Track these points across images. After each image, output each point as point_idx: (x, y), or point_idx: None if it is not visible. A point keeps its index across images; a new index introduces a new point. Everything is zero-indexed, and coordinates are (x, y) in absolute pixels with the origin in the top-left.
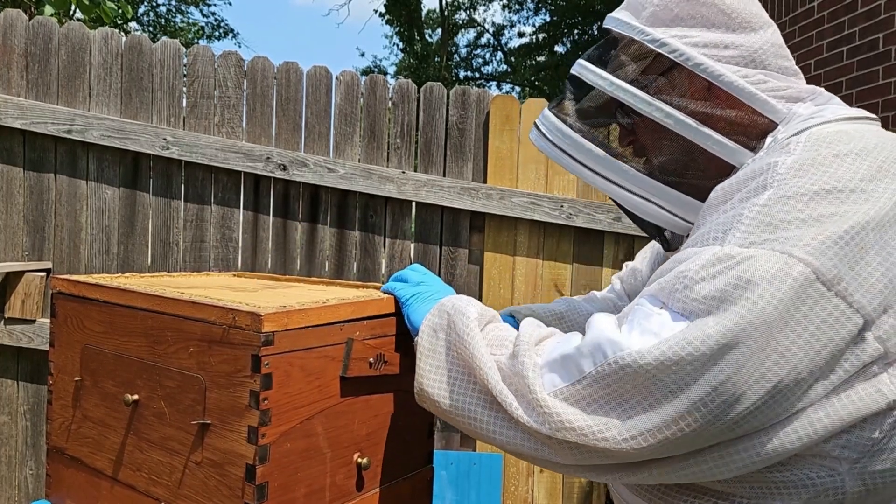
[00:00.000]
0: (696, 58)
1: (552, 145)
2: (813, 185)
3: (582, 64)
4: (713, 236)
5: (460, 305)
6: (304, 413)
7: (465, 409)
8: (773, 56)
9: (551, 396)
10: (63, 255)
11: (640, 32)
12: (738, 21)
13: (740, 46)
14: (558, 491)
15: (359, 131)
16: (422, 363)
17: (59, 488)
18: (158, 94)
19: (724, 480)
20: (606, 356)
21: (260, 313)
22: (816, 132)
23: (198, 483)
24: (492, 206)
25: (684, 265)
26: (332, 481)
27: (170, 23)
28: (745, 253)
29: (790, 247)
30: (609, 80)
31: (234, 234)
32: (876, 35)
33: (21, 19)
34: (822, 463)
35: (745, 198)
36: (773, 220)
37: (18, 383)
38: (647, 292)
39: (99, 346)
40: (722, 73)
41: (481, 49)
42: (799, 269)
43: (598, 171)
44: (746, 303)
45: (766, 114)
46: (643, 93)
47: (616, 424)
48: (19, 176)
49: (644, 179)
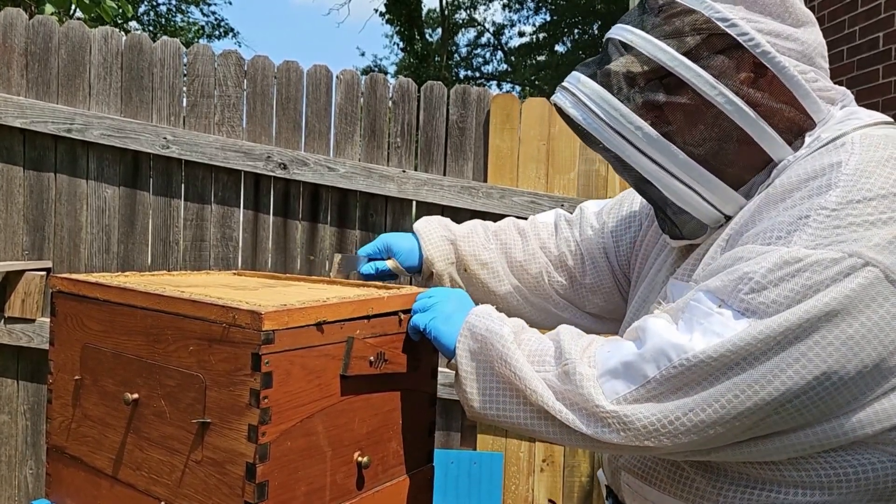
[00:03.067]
0: (764, 45)
1: (592, 115)
2: (881, 187)
3: (631, 30)
4: (777, 235)
5: (493, 327)
6: (304, 412)
7: (523, 423)
8: (819, 55)
9: (614, 404)
10: (63, 255)
11: (708, 7)
12: (796, 14)
13: (798, 41)
14: (559, 490)
15: (359, 130)
16: (467, 387)
17: (58, 487)
18: (158, 93)
19: (775, 468)
20: (671, 360)
21: (260, 311)
22: (868, 134)
23: (198, 482)
24: (492, 205)
25: (749, 265)
26: (332, 480)
27: (170, 22)
28: (814, 256)
29: (859, 247)
30: (671, 54)
31: (234, 233)
32: (876, 34)
33: (21, 18)
34: (886, 448)
35: (808, 196)
36: (842, 221)
37: (18, 382)
38: (703, 288)
39: (99, 344)
40: (786, 65)
41: (481, 48)
42: (868, 269)
43: (644, 151)
44: (814, 300)
45: (811, 113)
46: (707, 73)
47: (680, 419)
48: (19, 175)
49: (690, 164)
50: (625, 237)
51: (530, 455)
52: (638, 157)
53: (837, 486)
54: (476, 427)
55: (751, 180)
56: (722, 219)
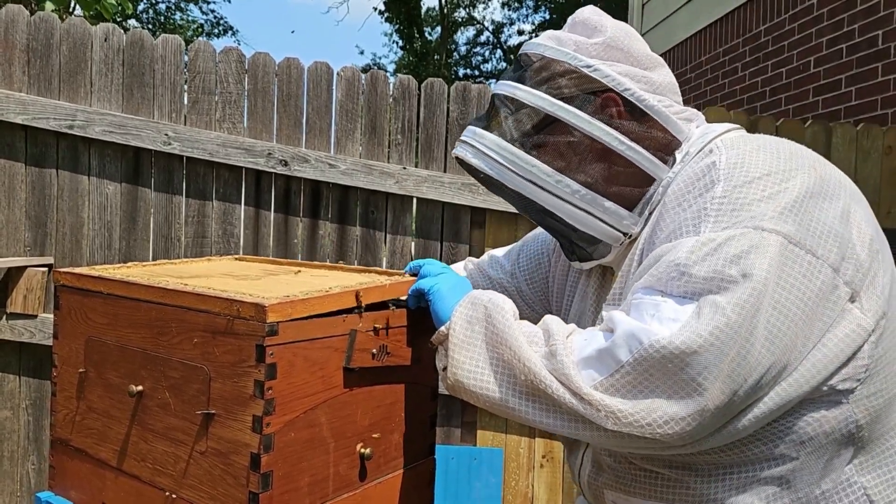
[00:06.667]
0: (625, 83)
1: (492, 161)
2: (753, 172)
3: (514, 85)
4: (685, 230)
5: (496, 299)
6: (307, 403)
7: (506, 399)
8: (671, 91)
9: (594, 390)
10: (65, 251)
11: (572, 58)
12: (644, 61)
13: (650, 80)
14: (558, 486)
15: (360, 127)
16: (456, 355)
17: (63, 479)
18: (160, 90)
19: (739, 451)
20: (642, 342)
21: (264, 304)
22: (726, 138)
23: (202, 472)
24: (492, 202)
25: (671, 255)
26: (335, 471)
27: (169, 20)
28: (724, 234)
29: (759, 222)
30: (548, 100)
31: (235, 229)
32: (875, 32)
33: (23, 15)
34: (830, 398)
35: (699, 194)
36: (735, 205)
37: (20, 378)
38: (639, 288)
39: (103, 337)
40: (645, 97)
41: (480, 47)
42: (773, 238)
43: (543, 186)
44: (745, 277)
45: (675, 133)
46: (582, 112)
47: (659, 410)
48: (21, 171)
49: (582, 191)
50: (537, 273)
51: (530, 451)
52: (537, 191)
53: (802, 447)
54: (476, 423)
55: (640, 199)
56: (621, 237)
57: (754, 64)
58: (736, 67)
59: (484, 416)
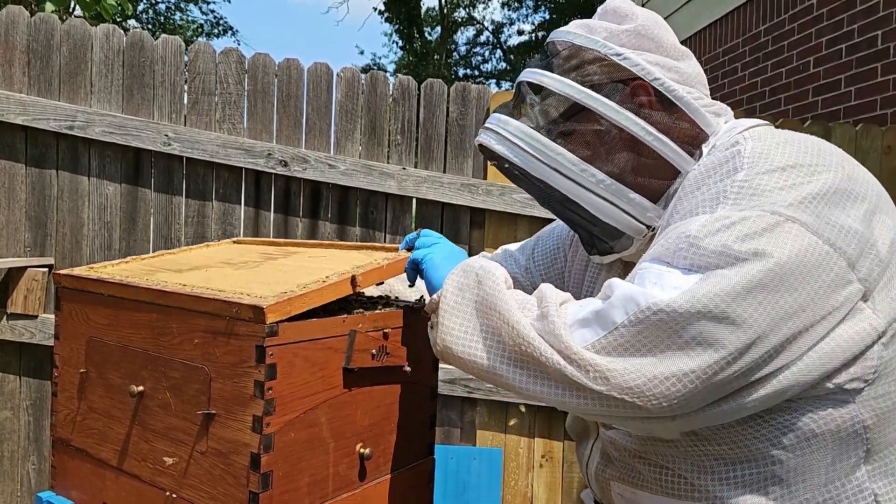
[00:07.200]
0: (654, 72)
1: (517, 148)
2: (779, 162)
3: (541, 72)
4: (701, 210)
5: (488, 266)
6: (307, 403)
7: (493, 366)
8: (699, 82)
9: (585, 350)
10: (65, 251)
11: (603, 46)
12: (673, 52)
13: (680, 70)
14: (558, 485)
15: (359, 128)
16: (446, 321)
17: (63, 479)
18: (160, 91)
19: (746, 447)
20: (639, 304)
21: (262, 305)
22: (753, 132)
23: (203, 472)
24: (492, 203)
25: (682, 227)
26: (335, 471)
27: (169, 20)
28: (740, 214)
29: (777, 207)
30: (577, 87)
31: (235, 230)
32: (875, 32)
33: (23, 16)
34: (837, 397)
35: (720, 179)
36: (756, 190)
37: (21, 379)
38: (647, 258)
39: (104, 338)
40: (675, 87)
41: (480, 47)
42: (790, 224)
43: (567, 175)
44: (756, 255)
45: (703, 126)
46: (610, 101)
47: (649, 371)
48: (21, 172)
49: (607, 181)
50: (553, 268)
51: (529, 451)
52: (561, 180)
53: (807, 445)
54: (476, 423)
55: (665, 192)
56: (644, 229)
57: (754, 64)
58: (735, 67)
59: (484, 416)
